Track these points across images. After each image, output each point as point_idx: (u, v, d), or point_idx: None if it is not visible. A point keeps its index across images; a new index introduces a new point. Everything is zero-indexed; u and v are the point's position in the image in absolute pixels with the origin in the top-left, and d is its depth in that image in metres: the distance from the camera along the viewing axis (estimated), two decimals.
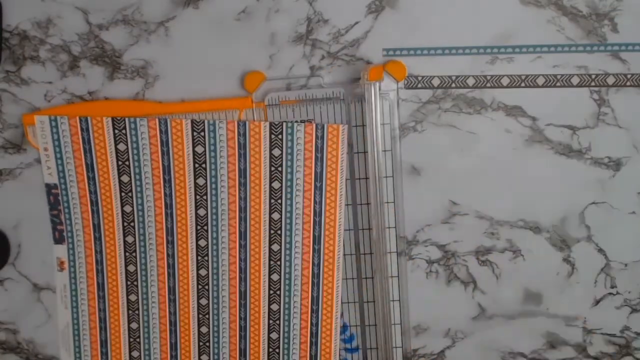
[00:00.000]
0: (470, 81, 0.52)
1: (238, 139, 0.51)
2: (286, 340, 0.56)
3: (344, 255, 0.54)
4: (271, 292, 0.54)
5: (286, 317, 0.55)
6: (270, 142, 0.51)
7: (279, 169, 0.52)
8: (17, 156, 0.54)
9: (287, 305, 0.55)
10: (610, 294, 0.56)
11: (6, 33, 0.51)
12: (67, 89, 0.52)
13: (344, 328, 0.56)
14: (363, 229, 0.54)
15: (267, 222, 0.53)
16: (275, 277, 0.54)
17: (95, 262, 0.55)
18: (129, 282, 0.55)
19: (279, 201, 0.52)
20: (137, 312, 0.56)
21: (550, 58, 0.51)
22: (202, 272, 0.55)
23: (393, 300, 0.55)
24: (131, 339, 0.56)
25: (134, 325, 0.56)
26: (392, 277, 0.55)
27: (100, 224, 0.54)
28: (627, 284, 0.56)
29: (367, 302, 0.55)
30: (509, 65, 0.51)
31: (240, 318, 0.55)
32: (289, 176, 0.52)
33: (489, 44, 0.51)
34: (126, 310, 0.56)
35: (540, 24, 0.50)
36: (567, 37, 0.51)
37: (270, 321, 0.55)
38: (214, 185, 0.53)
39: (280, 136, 0.51)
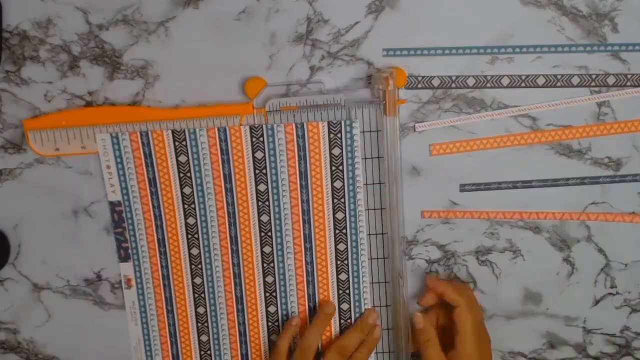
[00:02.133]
0: (470, 81, 0.52)
1: (297, 141, 0.51)
2: None
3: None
4: (340, 291, 0.55)
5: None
6: (330, 141, 0.51)
7: (340, 167, 0.52)
8: (17, 156, 0.54)
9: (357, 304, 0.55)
10: (610, 294, 0.56)
11: (6, 33, 0.51)
12: (67, 89, 0.52)
13: None
14: (369, 234, 0.54)
15: (332, 222, 0.53)
16: (343, 276, 0.54)
17: (161, 277, 0.55)
18: (196, 295, 0.55)
19: (342, 200, 0.52)
20: (206, 324, 0.56)
21: (550, 58, 0.51)
22: (269, 279, 0.54)
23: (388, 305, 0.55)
24: (202, 352, 0.56)
25: (204, 338, 0.56)
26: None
27: (164, 238, 0.54)
28: (627, 284, 0.56)
29: (374, 306, 0.55)
30: (509, 65, 0.51)
31: (309, 323, 0.55)
32: (350, 174, 0.52)
33: (489, 44, 0.51)
34: (195, 324, 0.56)
35: (540, 24, 0.50)
36: (567, 37, 0.51)
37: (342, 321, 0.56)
38: (275, 190, 0.52)
39: (339, 135, 0.51)
